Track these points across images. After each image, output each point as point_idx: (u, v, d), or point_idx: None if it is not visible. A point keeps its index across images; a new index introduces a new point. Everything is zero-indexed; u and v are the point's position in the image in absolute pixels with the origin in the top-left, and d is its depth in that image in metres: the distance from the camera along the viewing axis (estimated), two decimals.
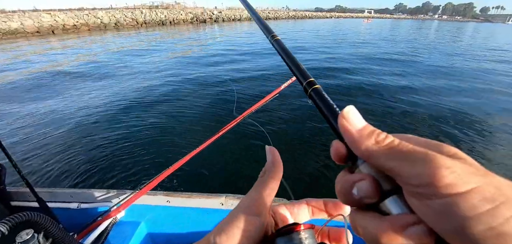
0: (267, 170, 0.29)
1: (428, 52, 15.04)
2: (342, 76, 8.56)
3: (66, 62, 11.26)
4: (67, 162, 3.69)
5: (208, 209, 1.44)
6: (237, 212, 0.26)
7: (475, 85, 7.82)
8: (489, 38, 28.70)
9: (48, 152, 3.96)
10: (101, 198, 1.46)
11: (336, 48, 15.27)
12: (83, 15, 35.92)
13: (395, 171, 0.18)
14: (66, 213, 1.44)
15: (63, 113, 5.50)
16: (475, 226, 0.14)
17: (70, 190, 1.51)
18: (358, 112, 0.22)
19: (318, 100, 0.26)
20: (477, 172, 0.16)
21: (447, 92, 7.00)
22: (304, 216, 0.32)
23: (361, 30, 32.86)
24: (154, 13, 45.48)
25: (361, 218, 0.21)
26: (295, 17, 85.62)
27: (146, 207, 1.49)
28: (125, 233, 1.45)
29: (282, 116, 4.98)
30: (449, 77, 8.75)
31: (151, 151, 3.89)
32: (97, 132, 4.56)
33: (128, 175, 3.36)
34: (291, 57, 0.33)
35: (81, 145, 4.12)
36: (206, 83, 7.64)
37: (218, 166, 3.49)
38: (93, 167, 3.55)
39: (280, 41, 0.36)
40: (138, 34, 26.12)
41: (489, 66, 11.02)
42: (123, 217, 1.46)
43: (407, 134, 0.22)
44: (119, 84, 7.78)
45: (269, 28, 0.40)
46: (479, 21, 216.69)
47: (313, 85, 0.27)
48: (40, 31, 28.97)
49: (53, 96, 6.74)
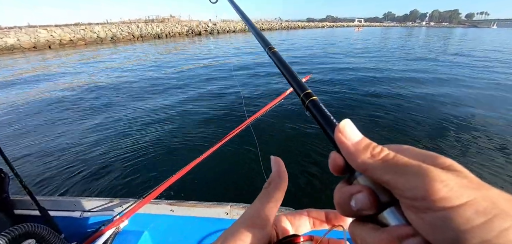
0: (272, 181, 0.29)
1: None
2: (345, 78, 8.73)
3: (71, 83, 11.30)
4: (70, 171, 3.71)
5: (212, 219, 1.41)
6: (241, 225, 0.26)
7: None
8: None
9: (50, 161, 4.00)
10: (104, 207, 1.44)
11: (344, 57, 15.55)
12: (80, 30, 36.10)
13: (391, 184, 0.18)
14: (69, 222, 1.42)
15: (69, 124, 5.61)
16: (469, 239, 0.14)
17: (73, 199, 1.48)
18: (354, 125, 0.23)
19: (315, 112, 0.26)
20: (471, 185, 0.16)
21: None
22: (305, 227, 0.32)
23: (353, 37, 33.70)
24: (150, 26, 45.92)
25: (359, 230, 0.21)
26: (288, 28, 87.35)
27: (150, 216, 1.46)
28: (128, 242, 1.42)
29: (280, 125, 5.01)
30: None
31: (154, 160, 3.92)
32: (100, 141, 4.60)
33: (132, 184, 3.36)
34: (289, 68, 0.33)
35: (83, 155, 4.16)
36: (209, 93, 7.76)
37: (222, 174, 3.48)
38: (96, 176, 3.55)
39: (277, 53, 0.36)
40: (143, 46, 26.29)
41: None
42: (126, 226, 1.43)
43: (404, 145, 0.22)
44: (120, 96, 7.89)
45: (266, 40, 0.40)
46: (465, 27, 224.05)
47: (310, 97, 0.27)
48: (37, 46, 29.20)
49: (59, 109, 6.83)
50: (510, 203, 0.15)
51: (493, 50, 19.48)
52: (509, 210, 0.14)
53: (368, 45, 23.75)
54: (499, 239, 0.14)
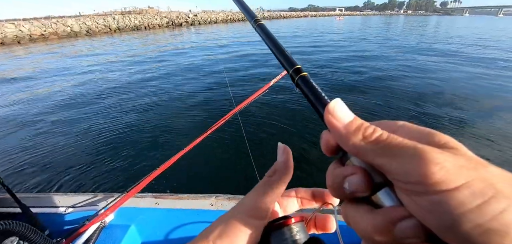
0: (277, 171, 0.28)
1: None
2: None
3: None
4: (51, 167, 3.63)
5: (197, 210, 1.43)
6: (241, 213, 0.25)
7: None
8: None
9: (30, 157, 3.91)
10: (89, 202, 1.44)
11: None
12: (51, 24, 33.75)
13: (384, 168, 0.18)
14: (53, 218, 1.40)
15: (48, 118, 5.45)
16: (464, 223, 0.14)
17: (56, 195, 1.46)
18: (345, 104, 0.22)
19: (305, 89, 0.25)
20: (469, 165, 0.15)
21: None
22: (293, 206, 0.31)
23: (335, 27, 34.17)
24: (127, 18, 43.87)
25: (353, 211, 0.20)
26: (270, 18, 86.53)
27: (135, 209, 1.47)
28: (114, 236, 1.44)
29: (270, 107, 5.07)
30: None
31: (138, 153, 3.89)
32: (81, 136, 4.51)
33: (115, 178, 3.33)
34: (276, 43, 0.30)
35: (65, 149, 4.08)
36: (194, 84, 7.65)
37: (206, 166, 3.50)
38: (78, 171, 3.50)
39: (264, 26, 0.34)
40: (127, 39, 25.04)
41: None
42: (112, 221, 1.45)
43: (399, 122, 0.21)
44: (100, 88, 7.69)
45: (251, 12, 0.38)
46: (440, 15, 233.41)
47: (300, 73, 0.26)
48: (4, 42, 27.28)
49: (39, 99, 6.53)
50: (507, 182, 0.14)
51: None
52: (505, 190, 0.14)
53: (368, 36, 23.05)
54: (495, 221, 0.13)
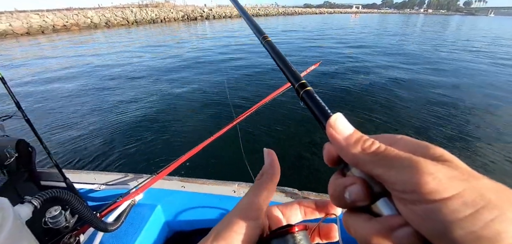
0: (264, 173, 0.29)
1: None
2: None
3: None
4: (90, 147, 4.02)
5: (220, 196, 1.49)
6: (235, 216, 0.26)
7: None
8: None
9: (72, 137, 4.35)
10: (121, 181, 1.52)
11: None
12: (73, 15, 35.10)
13: (382, 178, 0.19)
14: (89, 193, 1.50)
15: (93, 101, 6.12)
16: (456, 230, 0.14)
17: (93, 173, 1.56)
18: (345, 119, 0.23)
19: (310, 102, 0.26)
20: (461, 176, 0.16)
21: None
22: (296, 217, 0.32)
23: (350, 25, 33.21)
24: (144, 11, 44.77)
25: (353, 220, 0.21)
26: (285, 14, 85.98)
27: (163, 191, 1.55)
28: (142, 214, 1.52)
29: (276, 118, 5.03)
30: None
31: (167, 139, 4.18)
32: (120, 120, 4.96)
33: (146, 161, 3.60)
34: (283, 58, 0.32)
35: (101, 132, 4.49)
36: (221, 77, 7.96)
37: (230, 154, 3.58)
38: (113, 152, 3.83)
39: (272, 43, 0.36)
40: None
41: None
42: (141, 200, 1.52)
43: (397, 135, 0.22)
44: (140, 78, 8.20)
45: (260, 29, 0.39)
46: (463, 14, 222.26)
47: (304, 87, 0.27)
48: (30, 32, 28.29)
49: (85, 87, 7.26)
50: (498, 193, 0.15)
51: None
52: (496, 201, 0.15)
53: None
54: (485, 230, 0.14)
